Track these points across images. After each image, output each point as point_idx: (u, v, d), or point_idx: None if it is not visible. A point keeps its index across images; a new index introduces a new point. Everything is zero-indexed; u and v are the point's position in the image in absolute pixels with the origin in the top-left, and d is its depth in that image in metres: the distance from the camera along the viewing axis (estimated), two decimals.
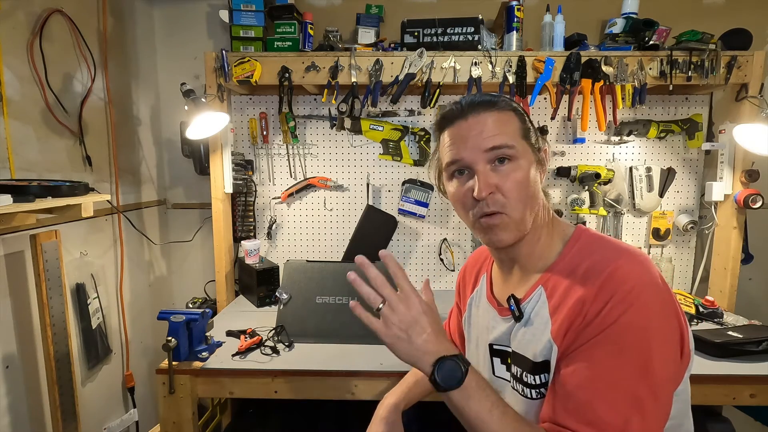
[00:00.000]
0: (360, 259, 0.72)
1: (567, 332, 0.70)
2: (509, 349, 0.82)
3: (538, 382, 0.75)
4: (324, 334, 1.43)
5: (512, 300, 0.80)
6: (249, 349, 1.35)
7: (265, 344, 1.37)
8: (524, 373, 0.77)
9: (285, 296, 1.50)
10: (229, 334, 1.47)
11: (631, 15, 1.68)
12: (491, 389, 0.70)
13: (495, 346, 0.86)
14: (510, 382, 0.82)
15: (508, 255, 0.83)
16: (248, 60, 1.65)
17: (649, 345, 0.65)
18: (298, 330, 1.43)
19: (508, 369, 0.83)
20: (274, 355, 1.33)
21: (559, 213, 1.91)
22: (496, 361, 0.86)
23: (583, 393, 0.66)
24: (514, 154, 0.76)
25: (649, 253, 1.95)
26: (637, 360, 0.65)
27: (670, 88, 1.62)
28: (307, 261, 1.58)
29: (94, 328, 1.60)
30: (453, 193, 0.81)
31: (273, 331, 1.42)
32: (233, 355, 1.32)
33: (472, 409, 0.67)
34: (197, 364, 1.27)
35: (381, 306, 0.70)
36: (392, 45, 1.76)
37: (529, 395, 0.76)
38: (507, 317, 0.83)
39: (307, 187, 1.96)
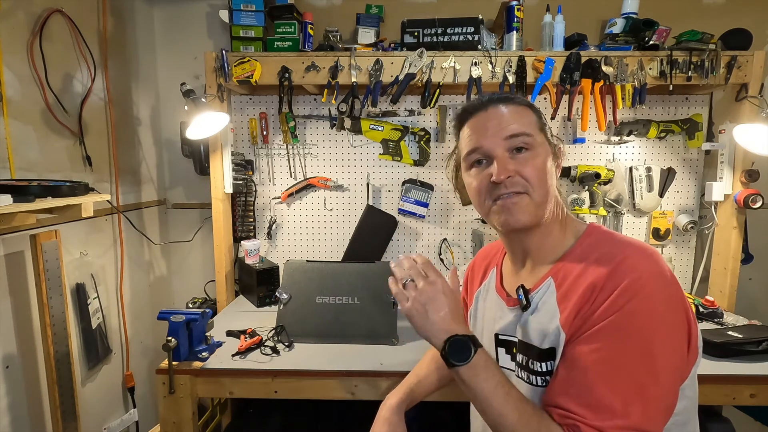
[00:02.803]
0: (394, 263, 0.83)
1: (575, 318, 0.71)
2: (515, 339, 0.83)
3: (544, 369, 0.75)
4: (324, 334, 1.43)
5: (521, 290, 0.81)
6: (249, 349, 1.35)
7: (265, 344, 1.37)
8: (530, 360, 0.78)
9: (285, 296, 1.50)
10: (229, 334, 1.47)
11: (631, 15, 1.68)
12: (499, 371, 0.73)
13: (501, 336, 0.87)
14: (515, 371, 0.83)
15: (521, 246, 0.84)
16: (248, 60, 1.65)
17: (653, 333, 0.66)
18: (298, 330, 1.43)
19: (513, 359, 0.83)
20: (274, 355, 1.33)
21: None
22: (501, 351, 0.87)
23: (586, 377, 0.67)
24: (531, 143, 0.78)
25: None
26: (641, 347, 0.65)
27: (670, 88, 1.62)
28: (307, 261, 1.58)
29: (94, 328, 1.60)
30: (471, 182, 0.83)
31: (273, 331, 1.42)
32: (233, 355, 1.32)
33: (479, 386, 0.70)
34: (197, 364, 1.27)
35: (406, 281, 0.78)
36: (392, 45, 1.76)
37: (534, 382, 0.77)
38: (514, 307, 0.84)
39: (307, 187, 1.96)
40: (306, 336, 1.43)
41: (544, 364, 0.75)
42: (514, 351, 0.83)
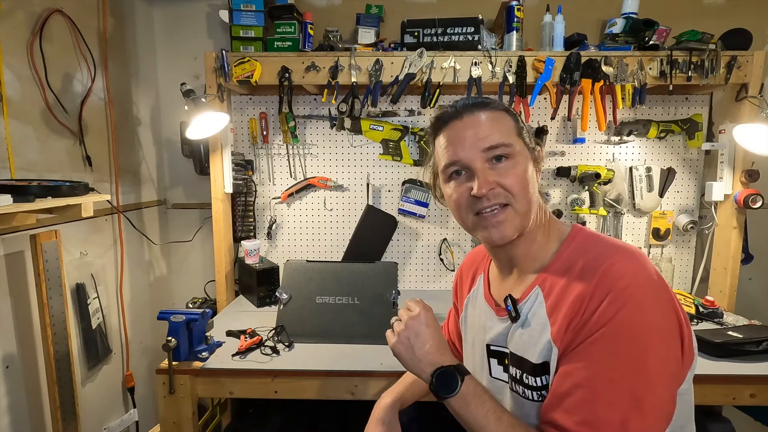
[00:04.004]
0: None
1: (566, 332, 0.70)
2: (507, 350, 0.82)
3: (539, 384, 0.74)
4: (324, 334, 1.43)
5: (509, 300, 0.80)
6: (249, 349, 1.35)
7: (265, 344, 1.37)
8: (524, 375, 0.77)
9: (285, 296, 1.50)
10: (229, 334, 1.47)
11: (631, 15, 1.68)
12: (488, 396, 0.73)
13: (492, 347, 0.85)
14: (508, 383, 0.82)
15: (506, 254, 0.83)
16: (248, 60, 1.65)
17: (645, 342, 0.65)
18: (298, 330, 1.43)
19: (506, 370, 0.82)
20: (274, 355, 1.33)
21: (559, 213, 1.91)
22: (493, 362, 0.86)
23: (581, 392, 0.66)
24: (511, 152, 0.77)
25: (649, 253, 1.95)
26: (635, 358, 0.65)
27: (670, 88, 1.62)
28: (307, 261, 1.58)
29: (94, 328, 1.60)
30: (450, 194, 0.81)
31: (273, 331, 1.42)
32: (233, 355, 1.32)
33: (470, 415, 0.72)
34: (197, 364, 1.27)
35: (394, 321, 0.83)
36: (392, 45, 1.76)
37: (530, 397, 0.76)
38: (504, 317, 0.83)
39: (307, 187, 1.96)
40: (306, 336, 1.43)
41: (538, 379, 0.74)
42: (506, 362, 0.82)
